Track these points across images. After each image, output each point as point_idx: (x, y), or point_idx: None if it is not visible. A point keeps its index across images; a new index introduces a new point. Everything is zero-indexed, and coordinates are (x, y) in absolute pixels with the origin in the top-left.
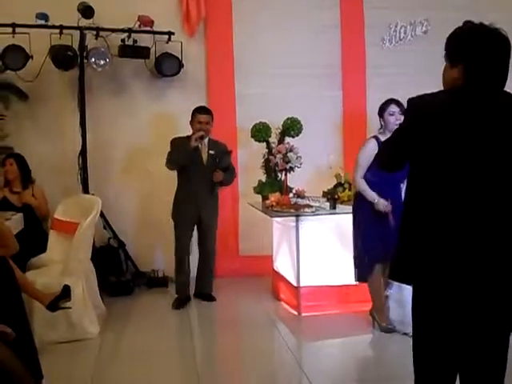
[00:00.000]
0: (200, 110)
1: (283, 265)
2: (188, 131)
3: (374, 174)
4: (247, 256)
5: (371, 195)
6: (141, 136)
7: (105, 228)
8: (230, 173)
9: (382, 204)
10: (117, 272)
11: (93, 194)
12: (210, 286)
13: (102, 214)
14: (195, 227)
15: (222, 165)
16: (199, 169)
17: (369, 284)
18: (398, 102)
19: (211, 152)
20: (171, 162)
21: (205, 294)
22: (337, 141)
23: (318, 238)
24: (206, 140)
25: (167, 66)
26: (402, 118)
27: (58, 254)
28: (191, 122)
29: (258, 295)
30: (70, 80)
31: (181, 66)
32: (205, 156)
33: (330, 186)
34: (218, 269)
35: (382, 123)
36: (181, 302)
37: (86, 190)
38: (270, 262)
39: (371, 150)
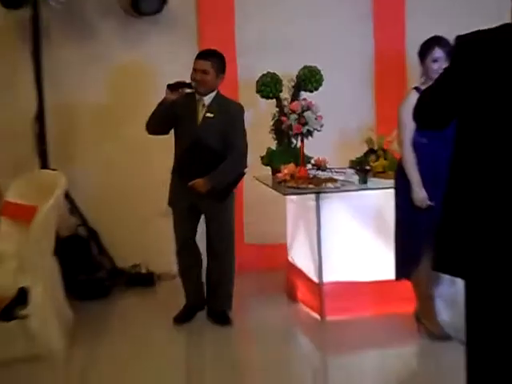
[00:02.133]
0: (198, 54)
1: (300, 255)
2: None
3: (422, 134)
4: (254, 245)
5: (416, 179)
6: (115, 94)
7: (71, 213)
8: (230, 162)
9: (421, 199)
10: (87, 269)
11: (54, 170)
12: (226, 301)
13: (67, 195)
14: (198, 218)
15: (222, 139)
16: (190, 135)
17: (413, 280)
18: (443, 42)
19: (208, 115)
20: (148, 121)
21: (215, 312)
22: (366, 94)
23: (345, 221)
24: (209, 97)
25: (146, 2)
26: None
27: (12, 247)
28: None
29: (269, 295)
30: (20, 22)
31: (164, 1)
32: (200, 117)
33: (360, 154)
34: None
35: (423, 70)
36: (186, 314)
37: (44, 165)
38: (283, 252)
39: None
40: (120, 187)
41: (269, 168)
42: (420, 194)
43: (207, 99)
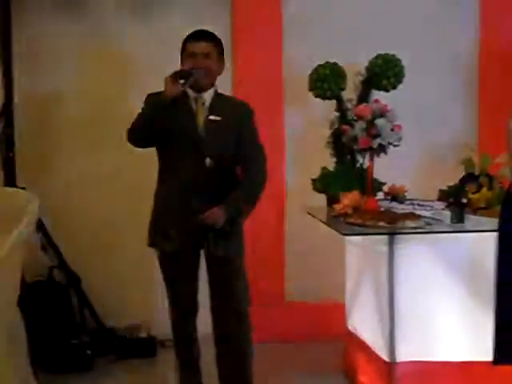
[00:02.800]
0: (193, 35)
1: (365, 323)
2: None
3: None
4: (299, 304)
5: None
6: (111, 86)
7: (44, 249)
8: (248, 183)
9: None
10: (64, 329)
11: (23, 188)
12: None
13: (38, 225)
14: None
15: (232, 148)
16: (192, 146)
17: None
18: None
19: (212, 117)
20: (131, 129)
21: None
22: (466, 100)
23: (430, 277)
24: (208, 94)
25: None
26: None
27: None
28: (181, 61)
29: (320, 374)
30: None
31: None
32: (201, 121)
33: (454, 182)
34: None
35: None
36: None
37: (9, 180)
38: (340, 315)
39: None
40: (111, 215)
41: (323, 196)
42: None
43: (207, 97)
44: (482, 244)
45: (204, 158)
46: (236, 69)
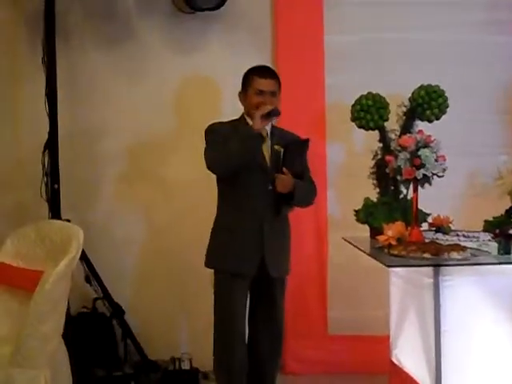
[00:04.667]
0: (260, 72)
1: (410, 356)
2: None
3: None
4: (342, 337)
5: None
6: (155, 119)
7: (88, 281)
8: (306, 183)
9: None
10: (108, 360)
11: (68, 221)
12: None
13: (83, 257)
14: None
15: (293, 168)
16: (259, 175)
17: None
18: None
19: (277, 148)
20: (224, 159)
21: None
22: (510, 128)
23: (477, 310)
24: (268, 127)
25: None
26: None
27: (6, 328)
28: (244, 93)
29: None
30: (28, 17)
31: None
32: (267, 153)
33: (500, 213)
34: (291, 359)
35: None
36: None
37: (55, 213)
38: (384, 348)
39: None
40: (157, 247)
41: (366, 227)
42: None
43: (267, 128)
44: None
45: (268, 185)
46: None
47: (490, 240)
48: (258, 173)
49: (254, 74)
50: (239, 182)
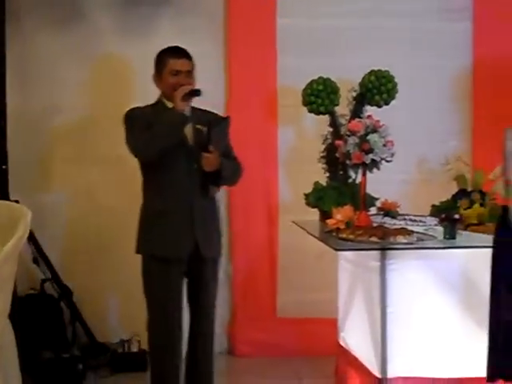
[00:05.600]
0: (174, 53)
1: (357, 338)
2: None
3: None
4: (291, 320)
5: None
6: (104, 101)
7: (36, 262)
8: (231, 161)
9: None
10: (55, 342)
11: (16, 201)
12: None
13: (31, 238)
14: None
15: (217, 147)
16: (184, 155)
17: None
18: None
19: (199, 126)
20: (150, 145)
21: None
22: (459, 114)
23: (421, 292)
24: (188, 107)
25: None
26: None
27: None
28: (158, 76)
29: None
30: None
31: None
32: (190, 133)
33: (447, 197)
34: (240, 342)
35: None
36: None
37: (3, 194)
38: (332, 330)
39: None
40: (106, 228)
41: (316, 211)
42: None
43: (187, 109)
44: (474, 260)
45: (193, 164)
46: (230, 84)
47: (436, 224)
48: (182, 153)
49: (168, 54)
50: (164, 165)
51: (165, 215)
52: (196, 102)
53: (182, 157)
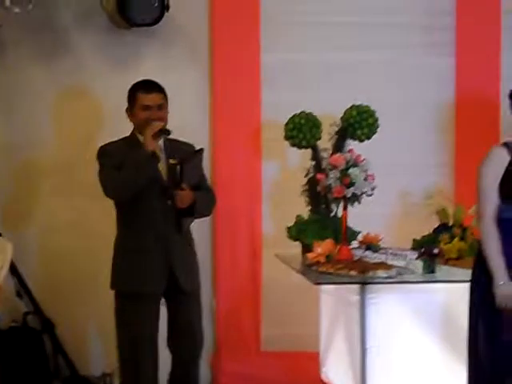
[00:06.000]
0: (145, 87)
1: (338, 372)
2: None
3: None
4: (274, 353)
5: (499, 267)
6: (90, 132)
7: (19, 295)
8: (204, 192)
9: (506, 295)
10: (38, 375)
11: None
12: None
13: (14, 270)
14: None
15: (190, 181)
16: (158, 191)
17: None
18: None
19: (172, 161)
20: (121, 186)
21: None
22: (441, 149)
23: (402, 327)
24: (161, 141)
25: (139, 8)
26: None
27: None
28: (130, 110)
29: None
30: None
31: (164, 7)
32: (163, 169)
33: (428, 232)
34: (223, 375)
35: None
36: None
37: None
38: (314, 364)
39: (499, 165)
40: (86, 260)
41: (298, 245)
42: (505, 289)
43: (160, 143)
44: (454, 294)
45: (167, 200)
46: (214, 119)
47: (416, 259)
48: (156, 190)
49: (139, 89)
50: (137, 201)
51: (138, 252)
52: (179, 135)
53: (155, 194)
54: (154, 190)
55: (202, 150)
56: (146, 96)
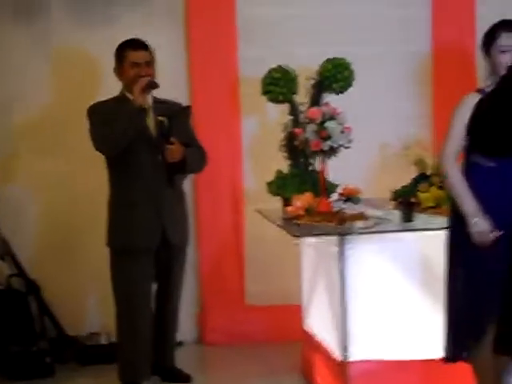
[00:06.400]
0: (133, 45)
1: (319, 323)
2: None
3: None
4: (258, 307)
5: (467, 206)
6: (64, 92)
7: (2, 258)
8: (195, 149)
9: (481, 230)
10: (23, 336)
11: None
12: (172, 354)
13: None
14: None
15: (179, 137)
16: (147, 148)
17: (473, 364)
18: None
19: (161, 119)
20: (111, 139)
21: (167, 370)
22: (419, 99)
23: (381, 276)
24: (150, 98)
25: None
26: None
27: None
28: (119, 69)
29: (279, 375)
30: None
31: None
32: (152, 125)
33: (407, 182)
34: (209, 330)
35: (489, 66)
36: None
37: None
38: (297, 317)
39: (470, 110)
40: (74, 221)
41: (278, 199)
42: (479, 225)
43: (149, 101)
44: (431, 242)
45: (158, 158)
46: (192, 75)
47: (394, 209)
48: (146, 146)
49: (127, 47)
50: (128, 158)
51: (132, 207)
52: (158, 93)
53: (145, 149)
54: (144, 145)
55: (189, 107)
56: (134, 53)
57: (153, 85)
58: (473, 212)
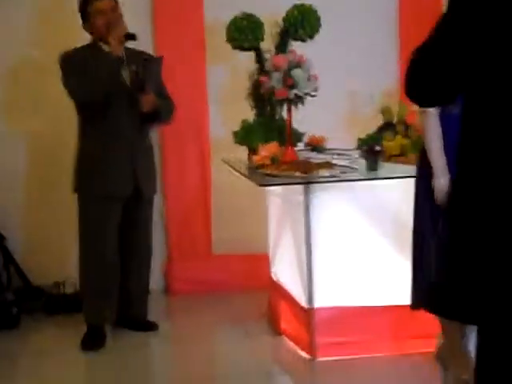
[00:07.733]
0: None
1: (286, 271)
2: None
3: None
4: (225, 256)
5: (439, 163)
6: (35, 39)
7: None
8: (165, 100)
9: (442, 189)
10: None
11: None
12: (145, 307)
13: None
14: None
15: (152, 87)
16: (122, 97)
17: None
18: None
19: (134, 68)
20: (88, 87)
21: (137, 321)
22: (386, 45)
23: (346, 224)
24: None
25: None
26: None
27: None
28: (86, 21)
29: (245, 324)
30: None
31: None
32: (125, 75)
33: (372, 131)
34: (176, 280)
35: None
36: (97, 336)
37: None
38: (264, 265)
39: None
40: (41, 174)
41: (245, 148)
42: (442, 183)
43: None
44: (396, 190)
45: (133, 106)
46: (156, 25)
47: (359, 157)
48: (121, 95)
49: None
50: (103, 107)
51: (106, 156)
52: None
53: (120, 100)
54: (120, 96)
55: (162, 57)
56: (98, 2)
57: (131, 36)
58: (440, 168)
